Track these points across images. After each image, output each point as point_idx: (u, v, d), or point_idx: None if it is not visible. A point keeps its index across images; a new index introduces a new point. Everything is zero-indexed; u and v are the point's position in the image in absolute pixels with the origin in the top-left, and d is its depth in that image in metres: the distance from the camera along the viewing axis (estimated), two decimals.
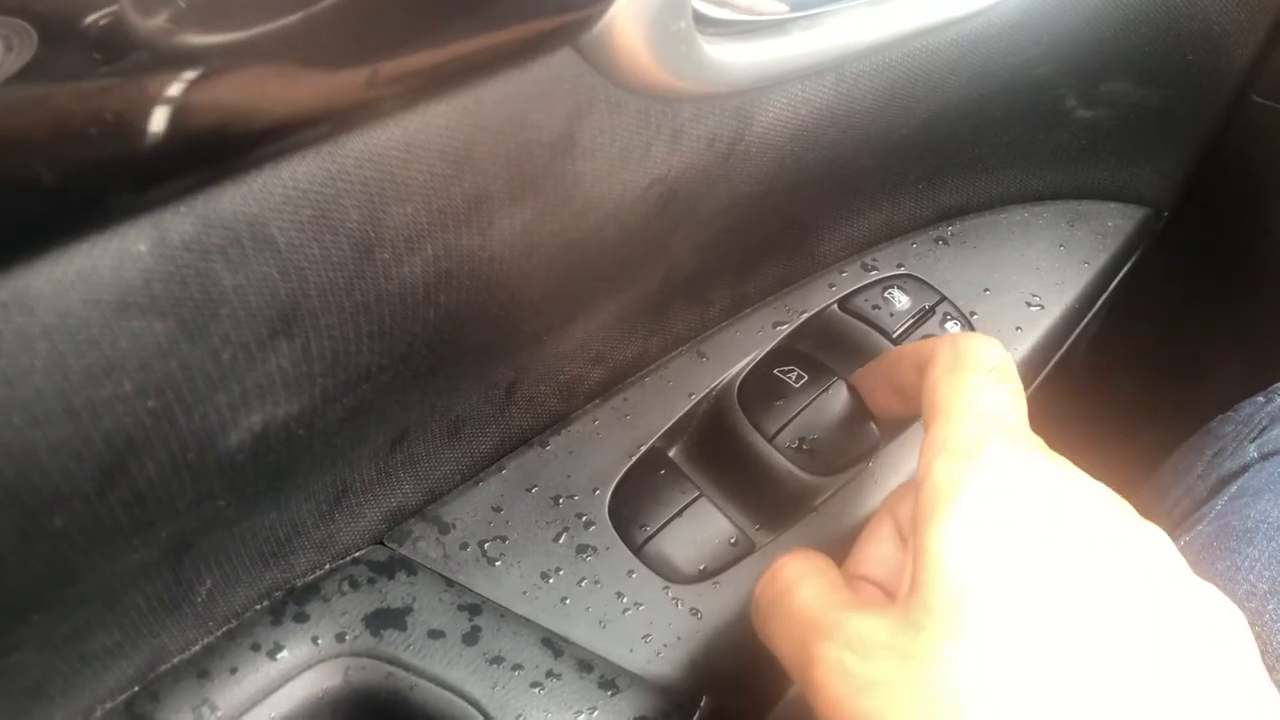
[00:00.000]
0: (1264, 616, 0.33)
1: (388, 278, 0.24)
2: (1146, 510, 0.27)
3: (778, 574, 0.30)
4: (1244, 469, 0.39)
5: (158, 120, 0.17)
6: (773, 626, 0.29)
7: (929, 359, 0.31)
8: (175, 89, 0.17)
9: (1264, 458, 0.39)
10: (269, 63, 0.18)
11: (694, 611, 0.36)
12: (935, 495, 0.27)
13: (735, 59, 0.27)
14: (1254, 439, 0.41)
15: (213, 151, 0.19)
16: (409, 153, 0.22)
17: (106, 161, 0.17)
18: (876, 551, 0.32)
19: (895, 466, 0.40)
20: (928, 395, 0.30)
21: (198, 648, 0.31)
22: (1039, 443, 0.28)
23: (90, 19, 0.16)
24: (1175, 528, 0.40)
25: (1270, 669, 0.31)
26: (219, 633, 0.32)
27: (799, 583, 0.29)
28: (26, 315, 0.18)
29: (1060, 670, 0.24)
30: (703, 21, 0.26)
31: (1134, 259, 0.51)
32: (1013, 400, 0.29)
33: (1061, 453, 0.29)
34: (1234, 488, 0.39)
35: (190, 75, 0.17)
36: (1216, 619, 0.25)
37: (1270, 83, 0.46)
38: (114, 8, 0.16)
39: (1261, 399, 0.43)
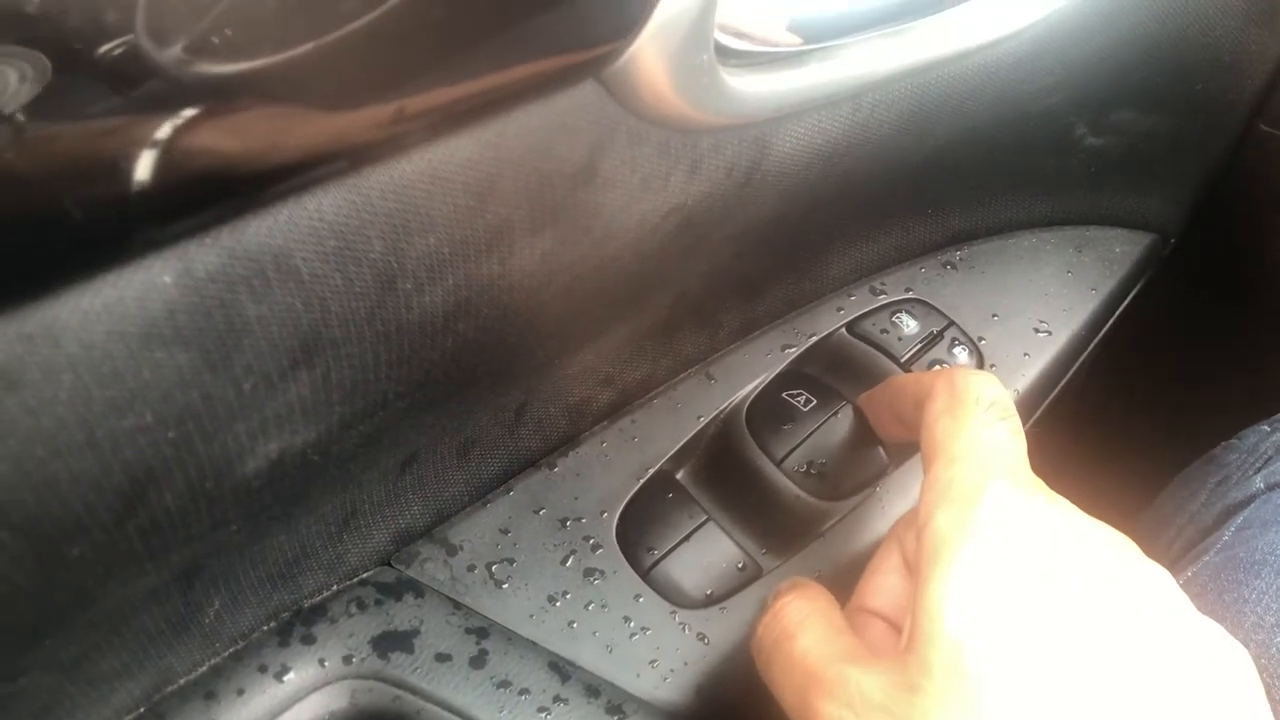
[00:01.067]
0: (1271, 649, 0.33)
1: (409, 307, 0.24)
2: (1149, 537, 0.27)
3: (780, 614, 0.30)
4: (1250, 499, 0.39)
5: (180, 153, 0.17)
6: (775, 673, 0.29)
7: (927, 394, 0.31)
8: (200, 121, 0.17)
9: (1270, 489, 0.39)
10: (295, 96, 0.18)
11: (701, 637, 0.36)
12: (937, 544, 0.26)
13: (756, 90, 0.28)
14: (1260, 469, 0.40)
15: (237, 184, 0.19)
16: (433, 184, 0.22)
17: (130, 194, 0.17)
18: (884, 583, 0.32)
19: (903, 491, 0.40)
20: (927, 433, 0.30)
21: (204, 669, 0.31)
22: (1039, 483, 0.28)
23: (106, 49, 0.16)
24: (1181, 557, 0.40)
25: (1276, 703, 0.31)
26: (226, 654, 0.32)
27: (801, 627, 0.29)
28: (52, 347, 0.18)
29: None
30: (724, 54, 0.26)
31: (1141, 285, 0.51)
32: (1012, 439, 0.29)
33: (1066, 478, 0.28)
34: (1240, 519, 0.39)
35: (214, 107, 0.17)
36: (1220, 657, 0.25)
37: (1279, 112, 0.46)
38: (129, 38, 0.16)
39: (1267, 428, 0.43)
